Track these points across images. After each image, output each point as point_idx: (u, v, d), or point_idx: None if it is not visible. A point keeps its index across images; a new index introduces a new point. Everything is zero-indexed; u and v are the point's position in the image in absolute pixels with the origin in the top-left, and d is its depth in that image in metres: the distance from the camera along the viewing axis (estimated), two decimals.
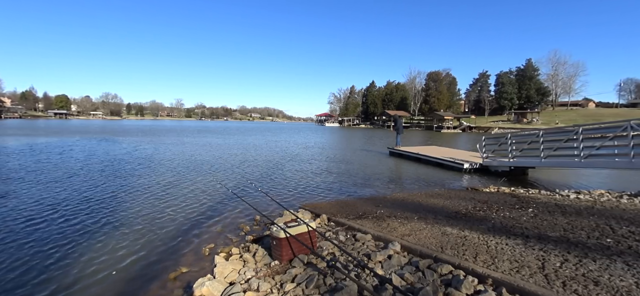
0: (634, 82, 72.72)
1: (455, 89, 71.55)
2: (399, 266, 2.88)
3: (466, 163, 9.84)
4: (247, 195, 6.58)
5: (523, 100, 61.16)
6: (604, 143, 6.67)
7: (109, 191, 6.71)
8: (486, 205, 5.12)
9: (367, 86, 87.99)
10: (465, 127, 54.39)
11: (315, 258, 3.16)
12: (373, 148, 19.18)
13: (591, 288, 2.23)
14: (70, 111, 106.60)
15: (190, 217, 5.12)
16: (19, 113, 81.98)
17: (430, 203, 5.58)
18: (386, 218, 4.46)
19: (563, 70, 66.08)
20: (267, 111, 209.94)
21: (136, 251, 3.79)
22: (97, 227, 4.54)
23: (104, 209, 5.42)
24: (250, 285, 2.72)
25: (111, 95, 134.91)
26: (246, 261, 3.35)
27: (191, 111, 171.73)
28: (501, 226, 3.85)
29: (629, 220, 3.90)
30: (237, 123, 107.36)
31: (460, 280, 2.43)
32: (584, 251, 2.91)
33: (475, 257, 2.88)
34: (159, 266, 3.42)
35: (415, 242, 3.37)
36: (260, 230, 4.55)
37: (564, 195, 5.94)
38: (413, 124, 65.03)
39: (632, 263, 2.59)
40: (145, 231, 4.42)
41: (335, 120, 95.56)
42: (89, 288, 3.00)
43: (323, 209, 5.17)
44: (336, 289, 2.45)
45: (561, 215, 4.24)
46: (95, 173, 8.61)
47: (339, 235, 3.89)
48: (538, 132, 8.25)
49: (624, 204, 4.89)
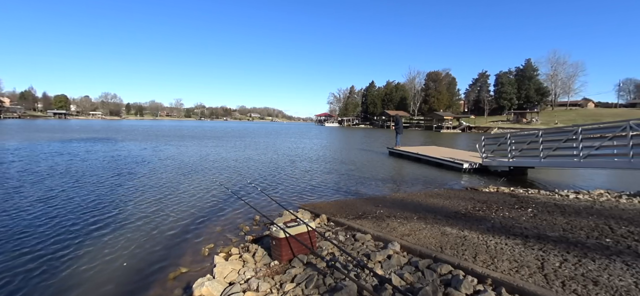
0: (633, 82, 72.90)
1: (454, 89, 71.55)
2: (399, 266, 2.88)
3: (466, 163, 9.85)
4: (247, 195, 6.58)
5: (522, 100, 61.22)
6: (603, 144, 6.68)
7: (108, 191, 6.71)
8: (485, 205, 5.12)
9: (367, 86, 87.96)
10: (465, 127, 54.41)
11: (315, 258, 3.16)
12: (372, 148, 19.18)
13: (590, 288, 2.23)
14: (69, 111, 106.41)
15: (189, 217, 5.11)
16: (18, 113, 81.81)
17: (429, 203, 5.58)
18: (386, 218, 4.46)
19: (562, 70, 66.24)
20: (267, 111, 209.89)
21: (136, 251, 3.79)
22: (97, 227, 4.54)
23: (103, 209, 5.41)
24: (250, 285, 2.72)
25: (111, 95, 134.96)
26: (246, 262, 3.34)
27: (191, 111, 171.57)
28: (500, 226, 3.85)
29: (628, 220, 3.91)
30: (236, 123, 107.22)
31: (459, 280, 2.43)
32: (583, 251, 2.91)
33: (475, 257, 2.88)
34: (158, 266, 3.42)
35: (414, 242, 3.37)
36: (259, 230, 4.55)
37: (563, 195, 5.95)
38: (412, 124, 64.99)
39: (631, 263, 2.59)
40: (144, 231, 4.42)
41: (335, 120, 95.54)
42: (88, 287, 3.00)
43: (323, 209, 5.17)
44: (336, 289, 2.45)
45: (560, 215, 4.24)
46: (95, 174, 8.60)
47: (338, 235, 3.88)
48: (537, 132, 8.26)
49: (623, 204, 4.89)
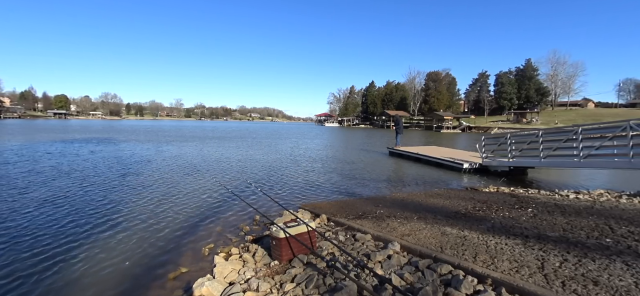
0: (633, 82, 72.92)
1: (454, 89, 71.56)
2: (399, 266, 2.88)
3: (466, 163, 9.85)
4: (247, 195, 6.58)
5: (522, 100, 61.23)
6: (603, 143, 6.67)
7: (109, 191, 6.70)
8: (485, 205, 5.12)
9: (367, 86, 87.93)
10: (465, 127, 54.41)
11: (315, 258, 3.16)
12: (373, 148, 19.18)
13: (590, 288, 2.23)
14: (69, 111, 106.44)
15: (189, 217, 5.11)
16: (18, 113, 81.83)
17: (429, 203, 5.58)
18: (386, 218, 4.46)
19: (562, 70, 66.26)
20: (267, 111, 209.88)
21: (136, 251, 3.79)
22: (97, 227, 4.54)
23: (104, 209, 5.41)
24: (250, 285, 2.72)
25: (111, 95, 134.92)
26: (246, 262, 3.34)
27: (191, 111, 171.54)
28: (501, 226, 3.85)
29: (628, 219, 3.91)
30: (236, 123, 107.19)
31: (459, 280, 2.43)
32: (583, 251, 2.91)
33: (475, 257, 2.88)
34: (158, 266, 3.42)
35: (414, 242, 3.37)
36: (259, 230, 4.55)
37: (564, 195, 5.95)
38: (413, 124, 65.00)
39: (631, 263, 2.59)
40: (145, 231, 4.42)
41: (335, 120, 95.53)
42: (88, 287, 2.99)
43: (323, 209, 5.17)
44: (336, 289, 2.45)
45: (560, 215, 4.24)
46: (95, 174, 8.60)
47: (338, 235, 3.88)
48: (537, 132, 8.25)
49: (623, 204, 4.89)
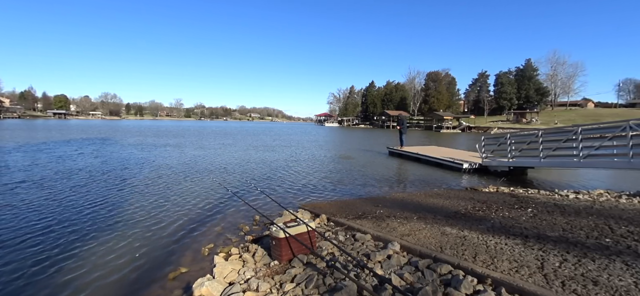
0: (633, 82, 73.00)
1: (454, 89, 71.54)
2: (399, 266, 2.88)
3: (465, 163, 9.85)
4: (247, 195, 6.58)
5: (522, 100, 61.24)
6: (603, 144, 6.68)
7: (109, 191, 6.70)
8: (485, 205, 5.12)
9: (367, 86, 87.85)
10: (465, 127, 54.42)
11: (315, 258, 3.16)
12: (373, 148, 19.18)
13: (590, 288, 2.23)
14: (69, 111, 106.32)
15: (189, 217, 5.11)
16: (17, 113, 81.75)
17: (429, 203, 5.58)
18: (386, 218, 4.46)
19: (562, 70, 66.30)
20: (267, 111, 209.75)
21: (135, 251, 3.78)
22: (97, 227, 4.54)
23: (103, 209, 5.41)
24: (250, 285, 2.72)
25: (110, 95, 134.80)
26: (245, 262, 3.34)
27: (190, 111, 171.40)
28: (500, 226, 3.85)
29: (628, 219, 3.91)
30: (236, 123, 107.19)
31: (459, 280, 2.43)
32: (583, 251, 2.91)
33: (475, 257, 2.88)
34: (158, 266, 3.41)
35: (414, 242, 3.37)
36: (259, 230, 4.54)
37: (563, 195, 5.95)
38: (412, 124, 65.01)
39: (631, 263, 2.59)
40: (144, 231, 4.42)
41: (335, 120, 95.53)
42: (88, 287, 2.99)
43: (322, 209, 5.17)
44: (336, 289, 2.45)
45: (560, 215, 4.24)
46: (96, 174, 8.59)
47: (338, 235, 3.88)
48: (537, 132, 8.26)
49: (622, 204, 4.89)
